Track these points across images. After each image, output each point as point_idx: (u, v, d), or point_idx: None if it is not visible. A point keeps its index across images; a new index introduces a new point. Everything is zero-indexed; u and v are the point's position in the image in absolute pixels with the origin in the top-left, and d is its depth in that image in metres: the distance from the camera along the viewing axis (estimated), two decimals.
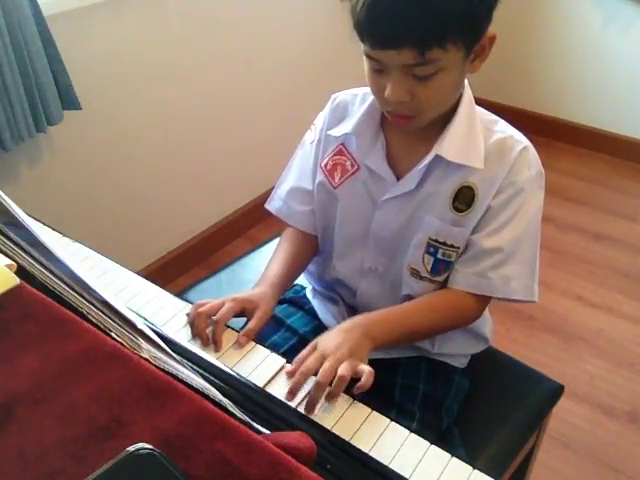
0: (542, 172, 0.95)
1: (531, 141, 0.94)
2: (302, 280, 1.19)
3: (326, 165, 1.01)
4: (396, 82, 0.82)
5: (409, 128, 0.91)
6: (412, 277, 0.98)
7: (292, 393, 0.77)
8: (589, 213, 2.43)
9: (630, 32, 2.53)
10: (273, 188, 1.12)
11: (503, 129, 0.94)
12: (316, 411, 0.75)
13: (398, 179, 0.95)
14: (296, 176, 1.07)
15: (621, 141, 2.70)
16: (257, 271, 1.05)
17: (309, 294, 1.18)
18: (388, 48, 0.79)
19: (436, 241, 0.94)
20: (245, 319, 0.91)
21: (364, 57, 0.85)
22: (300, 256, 1.06)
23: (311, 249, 1.08)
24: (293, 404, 0.76)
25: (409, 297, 1.00)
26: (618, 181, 2.62)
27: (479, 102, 0.95)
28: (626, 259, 2.20)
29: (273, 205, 1.11)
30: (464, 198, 0.92)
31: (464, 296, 0.94)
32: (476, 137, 0.91)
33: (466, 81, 0.93)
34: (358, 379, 0.77)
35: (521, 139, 0.94)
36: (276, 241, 1.44)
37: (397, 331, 0.90)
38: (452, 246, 0.94)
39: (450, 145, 0.90)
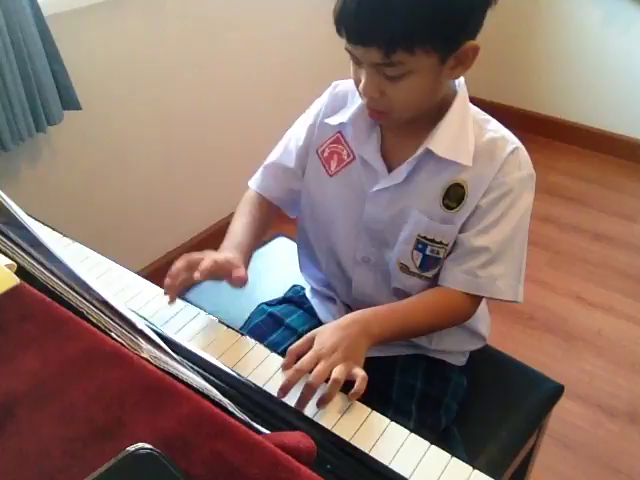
0: (533, 174, 0.94)
1: (531, 141, 0.94)
2: (301, 281, 1.20)
3: (323, 152, 1.02)
4: (367, 78, 0.84)
5: (384, 123, 0.94)
6: (401, 272, 0.98)
7: (284, 390, 0.77)
8: (588, 213, 2.43)
9: (630, 32, 2.53)
10: None
11: (496, 128, 0.94)
12: (308, 408, 0.76)
13: (390, 172, 0.95)
14: (280, 152, 1.09)
15: (621, 141, 2.70)
16: (257, 271, 1.06)
17: (308, 294, 1.18)
18: (356, 44, 0.81)
19: (425, 238, 0.94)
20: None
21: None
22: (264, 225, 1.08)
23: (272, 219, 1.10)
24: (291, 403, 0.76)
25: (399, 290, 1.00)
26: (618, 181, 2.62)
27: (478, 102, 0.95)
28: (625, 259, 2.20)
29: (252, 179, 1.12)
30: (454, 195, 0.92)
31: (458, 295, 0.95)
32: (467, 134, 0.91)
33: (462, 79, 0.93)
34: (352, 381, 0.78)
35: (513, 140, 0.94)
36: (276, 241, 1.44)
37: (396, 328, 0.90)
38: (440, 243, 0.94)
39: (440, 140, 0.90)
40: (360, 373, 0.78)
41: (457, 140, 0.91)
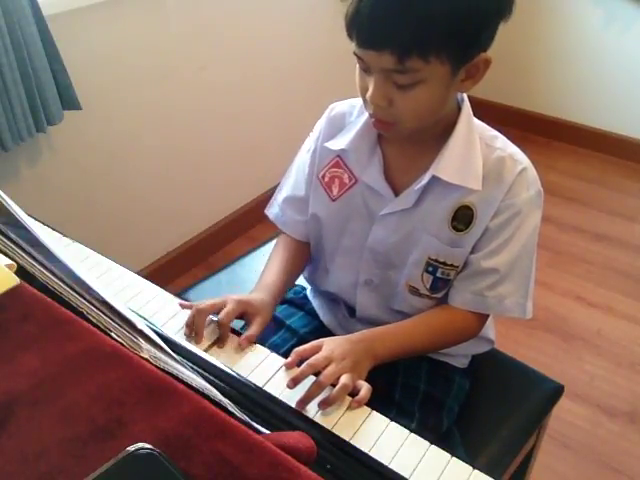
0: (540, 191, 0.94)
1: (531, 141, 0.93)
2: (302, 281, 1.19)
3: (324, 177, 1.01)
4: (376, 85, 0.82)
5: (389, 134, 0.91)
6: (411, 294, 0.98)
7: (294, 381, 0.78)
8: (589, 213, 2.43)
9: (630, 32, 2.53)
10: (273, 188, 1.12)
11: (503, 147, 0.92)
12: (308, 408, 0.76)
13: (397, 193, 0.94)
14: (292, 184, 1.08)
15: (621, 141, 2.70)
16: (257, 271, 1.05)
17: (310, 294, 1.18)
18: (369, 49, 0.79)
19: (436, 261, 0.94)
20: (241, 320, 0.92)
21: None
22: (295, 264, 1.07)
23: (305, 256, 1.10)
24: (291, 403, 0.76)
25: (402, 313, 1.00)
26: (618, 181, 2.62)
27: (479, 102, 0.94)
28: (625, 259, 2.20)
29: (271, 211, 1.11)
30: (463, 217, 0.91)
31: (465, 314, 0.95)
32: (474, 157, 0.90)
33: (465, 96, 0.92)
34: (355, 393, 0.79)
35: (521, 159, 0.92)
36: (275, 241, 1.44)
37: (400, 350, 0.91)
38: (452, 265, 0.94)
39: (447, 165, 0.89)
40: (365, 384, 0.80)
41: (464, 163, 0.89)
